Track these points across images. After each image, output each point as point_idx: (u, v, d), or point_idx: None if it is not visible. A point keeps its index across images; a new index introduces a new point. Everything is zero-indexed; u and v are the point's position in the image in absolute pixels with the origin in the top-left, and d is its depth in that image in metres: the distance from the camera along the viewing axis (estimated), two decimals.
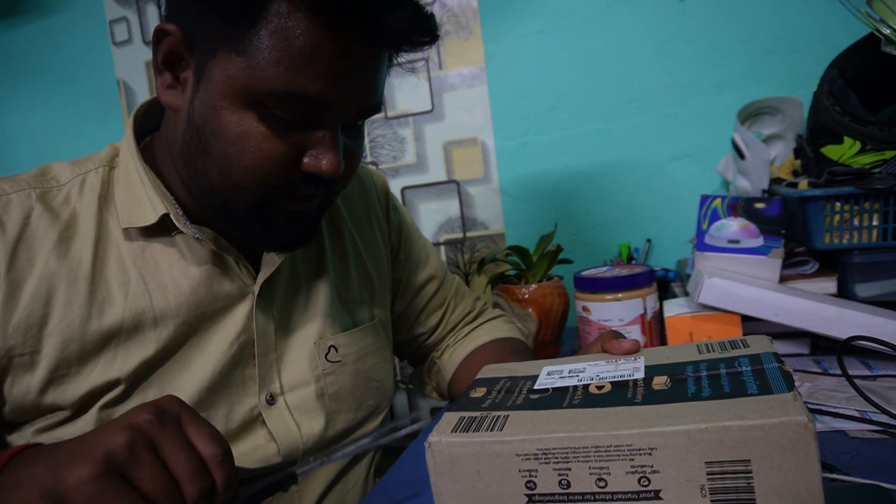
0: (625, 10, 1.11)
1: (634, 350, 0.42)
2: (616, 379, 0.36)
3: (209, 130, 0.47)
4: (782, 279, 0.80)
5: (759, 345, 0.37)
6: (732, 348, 0.37)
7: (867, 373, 0.67)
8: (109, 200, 0.54)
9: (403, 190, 1.29)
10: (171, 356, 0.53)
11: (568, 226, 1.19)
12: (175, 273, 0.53)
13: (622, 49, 1.12)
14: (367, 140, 1.30)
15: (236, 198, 0.49)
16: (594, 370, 0.39)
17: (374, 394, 0.65)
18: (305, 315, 0.60)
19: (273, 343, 0.58)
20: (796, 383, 0.67)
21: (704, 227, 0.85)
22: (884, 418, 0.55)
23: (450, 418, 0.36)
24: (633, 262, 1.12)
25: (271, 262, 0.57)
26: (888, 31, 0.72)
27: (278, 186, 0.49)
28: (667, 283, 1.01)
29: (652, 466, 0.30)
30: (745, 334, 0.75)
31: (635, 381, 0.36)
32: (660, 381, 0.34)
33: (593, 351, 0.48)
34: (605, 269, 0.84)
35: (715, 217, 0.85)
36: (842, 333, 0.67)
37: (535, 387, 0.38)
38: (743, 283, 0.74)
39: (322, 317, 0.61)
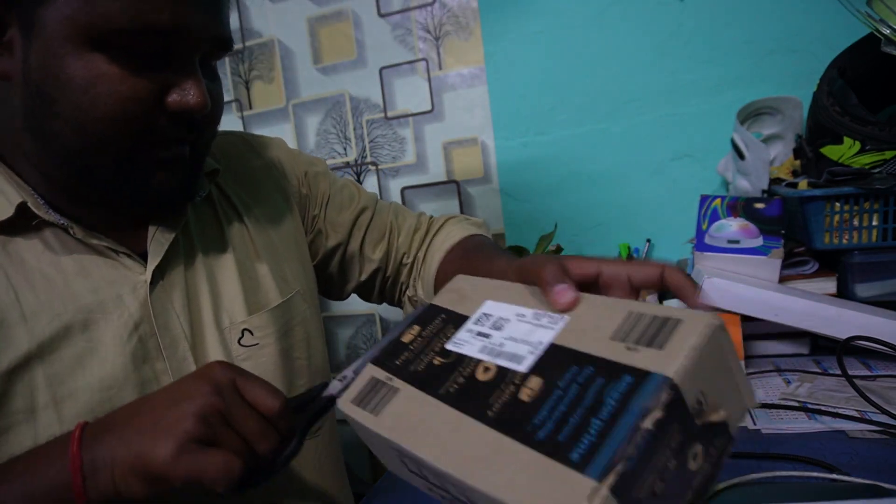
0: (625, 10, 1.11)
1: (569, 308, 0.36)
2: (504, 364, 0.35)
3: (53, 85, 0.42)
4: (782, 279, 0.80)
5: (677, 349, 0.30)
6: (653, 338, 0.31)
7: (867, 373, 0.67)
8: None
9: (403, 190, 1.29)
10: (53, 356, 0.47)
11: (568, 226, 1.19)
12: (44, 267, 0.48)
13: (622, 49, 1.12)
14: (366, 140, 1.30)
15: (99, 155, 0.45)
16: (511, 330, 0.38)
17: (304, 372, 0.61)
18: (210, 300, 0.55)
19: (182, 333, 0.53)
20: (795, 384, 0.67)
21: (704, 227, 0.85)
22: (884, 418, 0.55)
23: (364, 376, 0.41)
24: None
25: (159, 249, 0.52)
26: (888, 31, 0.72)
27: (143, 132, 0.45)
28: None
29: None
30: (745, 334, 0.75)
31: (513, 377, 0.34)
32: (534, 385, 0.33)
33: (552, 274, 0.39)
34: None
35: (715, 217, 0.85)
36: (842, 333, 0.67)
37: (448, 345, 0.39)
38: (743, 283, 0.74)
39: (229, 300, 0.56)
